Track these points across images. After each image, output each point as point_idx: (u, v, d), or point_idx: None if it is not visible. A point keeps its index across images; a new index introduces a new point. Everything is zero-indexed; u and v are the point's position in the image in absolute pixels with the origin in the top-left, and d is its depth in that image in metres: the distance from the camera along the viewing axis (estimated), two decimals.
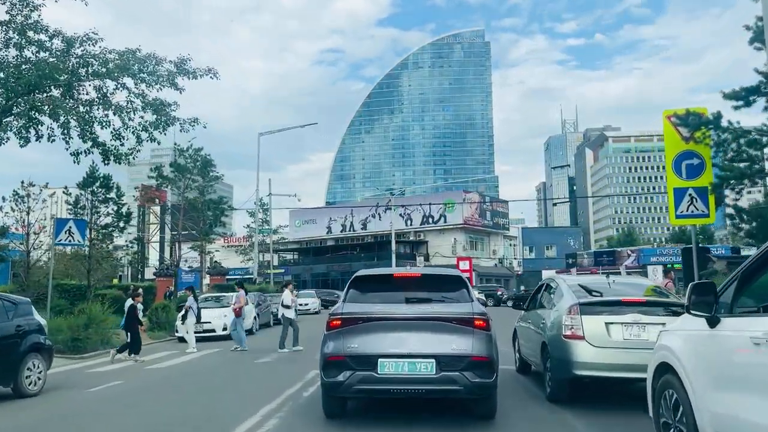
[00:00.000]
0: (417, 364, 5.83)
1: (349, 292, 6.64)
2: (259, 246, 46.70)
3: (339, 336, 6.08)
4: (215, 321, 18.72)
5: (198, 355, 14.28)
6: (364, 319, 6.09)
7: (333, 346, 6.07)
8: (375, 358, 5.86)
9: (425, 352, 5.86)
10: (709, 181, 11.75)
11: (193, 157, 26.67)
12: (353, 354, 5.92)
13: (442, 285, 6.79)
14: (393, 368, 5.84)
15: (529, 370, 9.97)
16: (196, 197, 27.27)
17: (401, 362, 5.84)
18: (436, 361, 5.81)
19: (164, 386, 9.82)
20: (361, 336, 5.99)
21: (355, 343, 5.96)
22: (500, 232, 76.33)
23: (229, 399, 8.31)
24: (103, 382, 10.15)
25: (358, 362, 5.89)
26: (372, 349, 5.91)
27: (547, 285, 9.06)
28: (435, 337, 5.93)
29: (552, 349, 7.54)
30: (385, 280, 7.02)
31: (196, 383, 10.02)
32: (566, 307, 7.39)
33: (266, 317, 24.69)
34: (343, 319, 6.17)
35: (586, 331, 7.11)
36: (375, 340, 5.95)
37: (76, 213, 21.22)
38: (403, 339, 5.93)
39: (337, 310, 6.38)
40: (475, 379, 5.81)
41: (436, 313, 6.16)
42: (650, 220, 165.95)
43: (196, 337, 18.54)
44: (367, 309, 6.23)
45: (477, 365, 5.86)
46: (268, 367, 11.51)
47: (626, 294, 7.59)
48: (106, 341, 16.37)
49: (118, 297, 25.28)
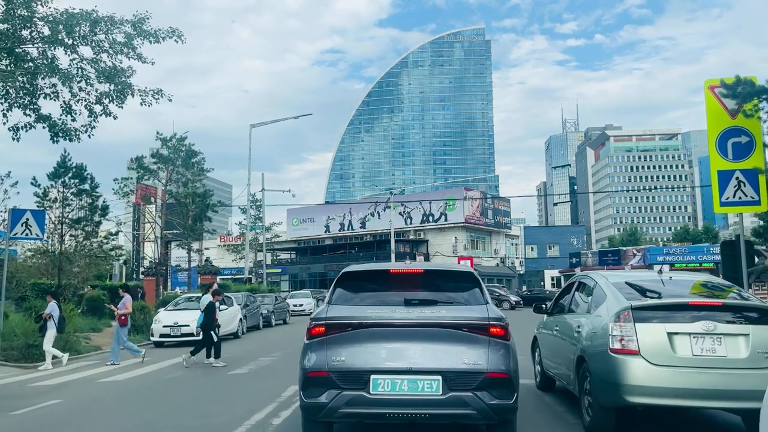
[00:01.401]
0: (419, 382, 4.71)
1: (336, 292, 5.44)
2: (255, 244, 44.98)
3: (322, 346, 4.90)
4: (195, 324, 16.88)
5: (167, 365, 12.52)
6: (353, 325, 4.90)
7: (315, 359, 4.88)
8: (367, 374, 4.73)
9: (429, 368, 4.74)
10: (761, 163, 9.99)
11: (177, 147, 24.84)
12: (340, 369, 4.78)
13: (450, 283, 5.62)
14: (389, 387, 4.71)
15: (553, 386, 8.25)
16: (180, 191, 25.35)
17: (399, 379, 4.72)
18: (442, 379, 4.69)
19: (106, 408, 8.06)
20: (350, 346, 4.84)
21: (342, 356, 4.81)
22: (502, 231, 74.48)
23: (182, 427, 6.60)
24: (38, 400, 8.40)
25: (346, 379, 4.76)
26: (363, 363, 4.77)
27: (580, 284, 7.32)
28: (441, 349, 4.80)
29: (593, 367, 5.80)
30: (380, 278, 5.76)
31: (148, 404, 8.27)
32: (614, 312, 5.64)
33: (255, 319, 22.96)
34: (327, 324, 4.96)
35: (642, 345, 5.37)
36: (367, 352, 4.81)
37: (45, 206, 19.46)
38: (401, 350, 4.81)
39: (320, 314, 5.13)
40: (491, 400, 4.67)
41: (443, 318, 4.95)
42: (652, 219, 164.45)
43: (174, 341, 16.85)
44: (358, 313, 5.04)
45: (494, 383, 4.72)
46: (240, 382, 9.75)
47: (691, 295, 5.85)
48: (69, 347, 14.62)
49: (96, 297, 23.63)
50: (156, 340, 16.93)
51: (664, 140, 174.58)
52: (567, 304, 7.46)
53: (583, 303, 6.86)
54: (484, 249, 71.18)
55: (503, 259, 73.53)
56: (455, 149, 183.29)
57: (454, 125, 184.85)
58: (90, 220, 20.08)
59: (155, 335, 16.91)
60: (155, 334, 16.91)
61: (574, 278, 7.69)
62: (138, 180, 24.14)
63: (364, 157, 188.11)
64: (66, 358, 13.06)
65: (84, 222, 19.90)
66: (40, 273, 24.98)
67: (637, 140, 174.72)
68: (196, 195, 25.01)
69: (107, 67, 9.86)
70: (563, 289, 8.02)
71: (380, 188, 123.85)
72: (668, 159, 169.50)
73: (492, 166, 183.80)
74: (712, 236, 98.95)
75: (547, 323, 8.13)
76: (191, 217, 26.19)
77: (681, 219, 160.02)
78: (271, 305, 25.84)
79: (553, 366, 7.63)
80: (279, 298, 28.38)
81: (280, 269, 73.40)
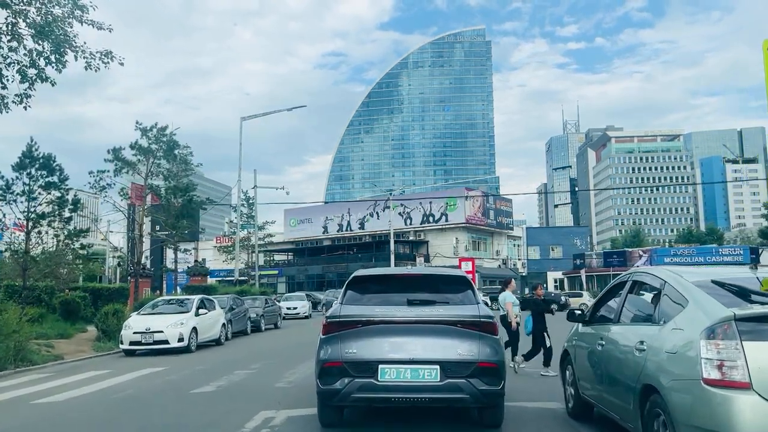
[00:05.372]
0: (420, 371, 5.45)
1: (347, 293, 6.20)
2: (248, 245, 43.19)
3: (336, 340, 5.65)
4: (169, 330, 15.14)
5: (127, 378, 10.74)
6: (363, 322, 5.64)
7: (330, 352, 5.64)
8: (375, 364, 5.47)
9: (429, 358, 5.47)
10: None
11: (158, 137, 22.86)
12: (352, 360, 5.52)
13: (446, 286, 6.33)
14: (394, 375, 5.44)
15: (591, 414, 6.50)
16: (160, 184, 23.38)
17: (403, 369, 5.46)
18: (440, 368, 5.44)
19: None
20: (360, 340, 5.57)
21: (354, 348, 5.55)
22: (504, 232, 72.67)
23: None
24: None
25: (357, 369, 5.50)
26: (372, 355, 5.51)
27: (636, 283, 5.55)
28: (439, 342, 5.55)
29: (673, 404, 4.03)
30: (386, 281, 6.60)
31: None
32: (706, 325, 3.89)
33: (242, 324, 21.20)
34: (340, 322, 5.72)
35: (755, 373, 3.62)
36: (375, 345, 5.54)
37: (9, 200, 17.68)
38: (405, 344, 5.55)
39: (334, 312, 5.88)
40: (482, 386, 5.46)
41: (440, 316, 5.70)
42: (653, 221, 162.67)
43: (145, 350, 15.09)
44: (367, 311, 5.77)
45: (484, 372, 5.50)
46: (201, 405, 7.96)
47: None
48: (23, 357, 12.87)
49: (71, 300, 21.87)
50: (125, 347, 15.13)
51: (666, 141, 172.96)
52: (616, 310, 5.69)
53: (644, 309, 5.09)
54: (486, 250, 69.40)
55: (505, 261, 71.69)
56: (455, 150, 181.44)
57: (454, 126, 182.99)
58: (58, 215, 18.23)
59: (125, 342, 15.12)
60: (125, 341, 15.12)
61: (625, 276, 5.92)
62: (115, 173, 22.29)
63: (363, 159, 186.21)
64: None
65: (50, 217, 18.04)
66: (15, 274, 23.26)
67: (639, 141, 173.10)
68: (178, 189, 23.07)
69: (41, 21, 8.07)
70: (608, 290, 6.26)
71: (380, 189, 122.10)
72: (670, 160, 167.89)
73: (492, 168, 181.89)
74: (716, 237, 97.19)
75: (585, 335, 6.37)
76: (173, 215, 24.34)
77: (683, 221, 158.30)
78: (260, 308, 24.07)
79: (595, 391, 5.88)
80: (270, 301, 26.59)
81: (277, 271, 71.68)
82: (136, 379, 10.63)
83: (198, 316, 16.23)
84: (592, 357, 5.98)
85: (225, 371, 11.09)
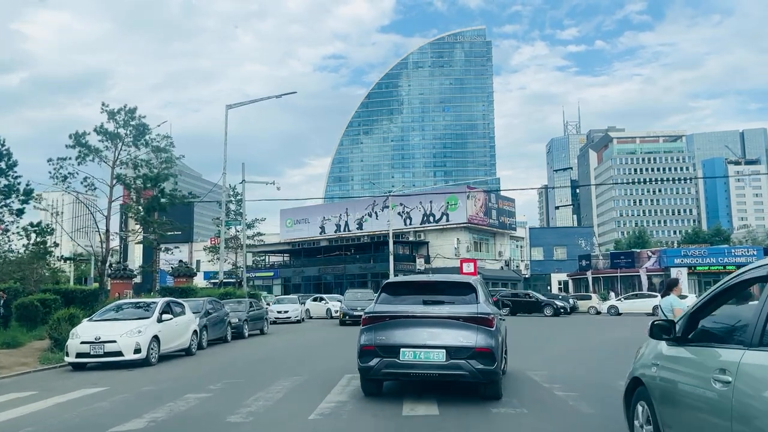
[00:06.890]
0: (431, 353, 7.18)
1: (381, 296, 8.05)
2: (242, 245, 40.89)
3: (371, 330, 7.58)
4: (123, 339, 12.74)
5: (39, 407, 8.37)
6: (390, 316, 7.53)
7: (366, 338, 7.58)
8: (398, 347, 7.28)
9: (437, 344, 7.20)
10: None
11: (126, 121, 20.37)
12: (382, 344, 7.38)
13: (454, 289, 8.07)
14: (412, 356, 7.22)
15: None
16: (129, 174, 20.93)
17: (418, 351, 7.21)
18: (446, 351, 7.15)
19: None
20: (388, 330, 7.43)
21: (383, 336, 7.41)
22: (507, 232, 70.18)
23: None
24: None
25: (385, 351, 7.35)
26: (395, 341, 7.32)
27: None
28: (446, 332, 7.27)
29: None
30: (409, 286, 8.56)
31: None
32: None
33: (220, 330, 18.89)
34: (374, 316, 7.65)
35: None
36: (398, 334, 7.36)
37: None
38: (419, 333, 7.30)
39: (369, 309, 7.83)
40: (478, 366, 7.09)
41: (447, 313, 7.44)
42: (655, 223, 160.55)
43: (96, 363, 12.76)
44: (393, 309, 7.64)
45: (480, 355, 7.13)
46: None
47: None
48: None
49: (28, 304, 19.55)
50: (71, 360, 12.71)
51: (669, 142, 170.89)
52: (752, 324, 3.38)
53: None
54: (488, 251, 67.00)
55: (508, 262, 69.25)
56: (455, 152, 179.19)
57: (454, 127, 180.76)
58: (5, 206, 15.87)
59: (71, 354, 12.69)
60: (71, 352, 12.69)
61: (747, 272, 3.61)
62: (79, 161, 19.79)
63: (363, 160, 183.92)
64: None
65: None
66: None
67: (641, 142, 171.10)
68: (148, 179, 20.58)
69: None
70: (719, 291, 3.95)
71: (380, 191, 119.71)
72: (672, 161, 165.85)
73: (493, 170, 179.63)
74: (723, 238, 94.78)
75: (681, 360, 4.05)
76: (144, 207, 21.90)
77: (685, 222, 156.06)
78: (243, 313, 21.70)
79: None
80: (255, 304, 24.21)
81: (272, 272, 69.29)
82: (52, 408, 8.24)
83: (161, 323, 13.86)
84: (699, 400, 3.67)
85: (174, 395, 8.76)
